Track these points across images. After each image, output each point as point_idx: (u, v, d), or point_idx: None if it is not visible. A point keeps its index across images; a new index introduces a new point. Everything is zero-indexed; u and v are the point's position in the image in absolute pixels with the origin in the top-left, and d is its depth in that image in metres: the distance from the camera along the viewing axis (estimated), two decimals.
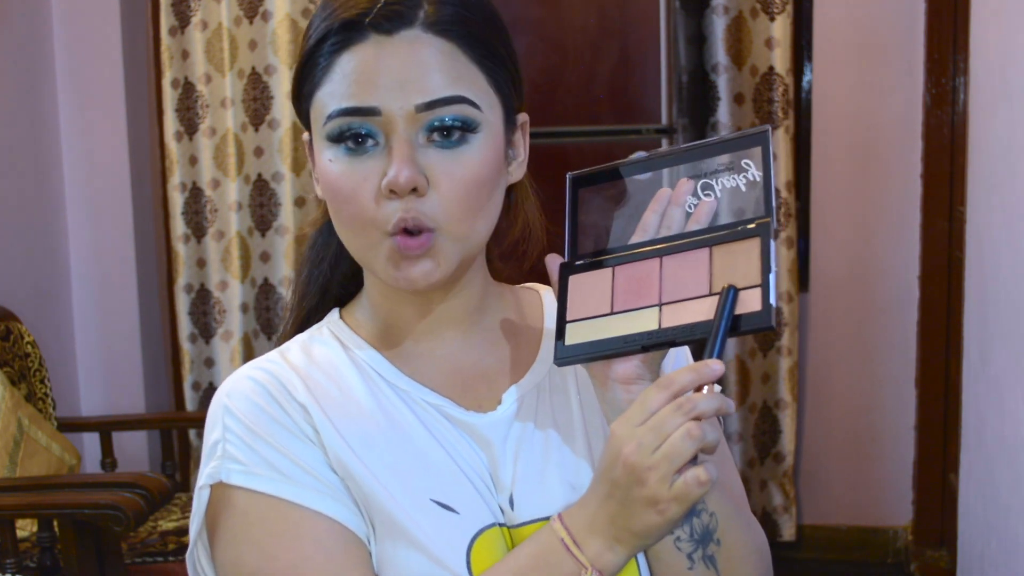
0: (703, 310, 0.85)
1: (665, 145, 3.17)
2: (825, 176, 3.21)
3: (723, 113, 3.11)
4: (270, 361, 0.98)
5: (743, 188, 0.88)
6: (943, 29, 3.00)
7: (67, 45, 3.27)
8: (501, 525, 0.93)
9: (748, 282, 0.84)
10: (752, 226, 0.87)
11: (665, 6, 2.77)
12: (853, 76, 3.15)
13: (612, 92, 2.87)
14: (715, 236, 0.88)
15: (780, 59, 3.08)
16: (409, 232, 0.89)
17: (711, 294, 0.85)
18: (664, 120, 2.83)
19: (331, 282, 1.05)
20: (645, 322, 0.87)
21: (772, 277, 0.83)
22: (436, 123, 0.88)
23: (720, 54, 3.09)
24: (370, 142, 0.88)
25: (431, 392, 0.97)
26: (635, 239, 0.91)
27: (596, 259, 0.93)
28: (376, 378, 0.98)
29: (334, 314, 1.03)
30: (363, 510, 0.92)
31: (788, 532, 3.25)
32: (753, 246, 0.85)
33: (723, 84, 3.10)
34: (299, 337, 1.02)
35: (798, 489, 3.31)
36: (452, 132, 0.88)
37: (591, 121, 2.85)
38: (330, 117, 0.88)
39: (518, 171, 0.98)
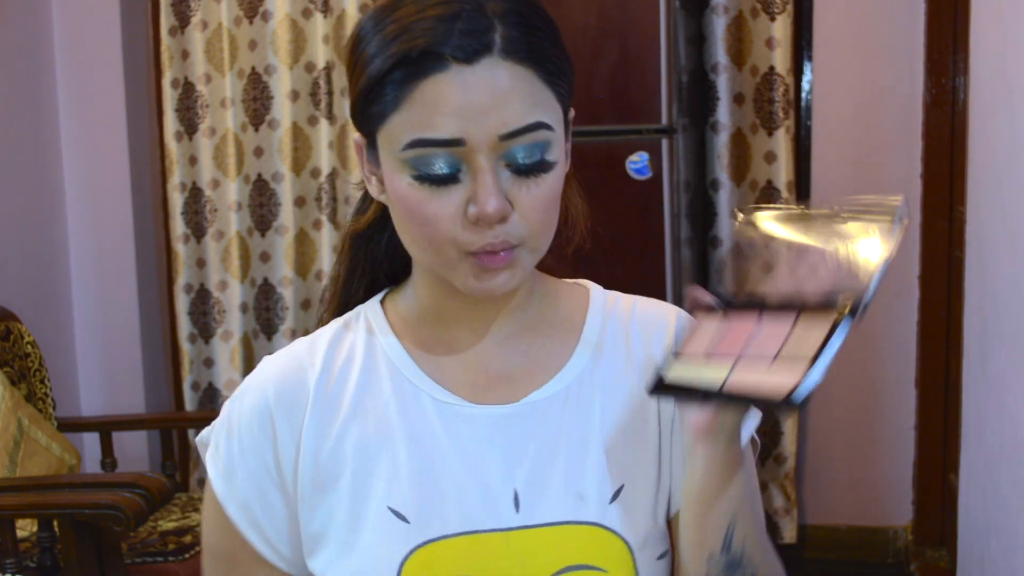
0: (764, 375, 0.82)
1: (664, 145, 3.16)
2: (825, 176, 3.21)
3: (723, 113, 3.11)
4: (301, 346, 1.02)
5: (859, 257, 0.85)
6: (943, 29, 3.00)
7: (67, 45, 3.27)
8: (492, 530, 0.94)
9: (803, 355, 0.82)
10: (841, 299, 0.84)
11: (665, 6, 2.77)
12: (853, 76, 3.15)
13: (612, 92, 2.86)
14: (813, 302, 0.86)
15: (780, 59, 3.08)
16: (493, 252, 0.90)
17: (776, 358, 0.83)
18: (664, 120, 2.82)
19: (377, 276, 1.08)
20: (719, 375, 0.85)
21: (826, 359, 0.81)
22: (518, 150, 0.89)
23: (720, 54, 3.09)
24: (453, 169, 0.89)
25: (443, 390, 0.98)
26: (763, 288, 0.91)
27: (726, 299, 0.93)
28: (391, 370, 0.99)
29: (376, 298, 1.06)
30: (312, 533, 0.97)
31: (789, 535, 3.24)
32: (829, 321, 0.83)
33: (723, 84, 3.10)
34: (339, 320, 1.05)
35: (800, 490, 3.31)
36: (532, 155, 0.89)
37: (591, 121, 2.85)
38: (411, 145, 0.88)
39: (567, 163, 0.99)
